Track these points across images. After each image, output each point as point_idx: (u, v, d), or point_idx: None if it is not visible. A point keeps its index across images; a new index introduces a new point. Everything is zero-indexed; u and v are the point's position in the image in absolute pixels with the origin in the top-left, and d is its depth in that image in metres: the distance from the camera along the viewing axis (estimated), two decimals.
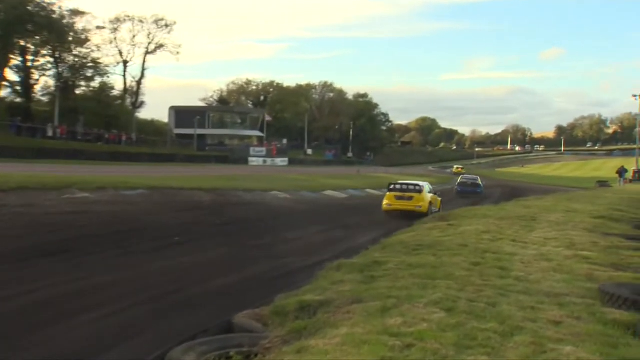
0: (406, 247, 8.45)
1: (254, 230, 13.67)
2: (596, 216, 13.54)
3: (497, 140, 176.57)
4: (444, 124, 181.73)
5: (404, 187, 19.30)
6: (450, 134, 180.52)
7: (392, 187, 19.51)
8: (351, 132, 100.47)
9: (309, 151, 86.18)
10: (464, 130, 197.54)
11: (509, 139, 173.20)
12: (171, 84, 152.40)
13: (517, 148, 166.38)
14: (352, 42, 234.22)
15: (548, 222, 12.45)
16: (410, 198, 18.73)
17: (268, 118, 78.06)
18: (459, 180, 34.08)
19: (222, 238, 12.27)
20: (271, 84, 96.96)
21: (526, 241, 9.29)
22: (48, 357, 5.15)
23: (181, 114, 70.34)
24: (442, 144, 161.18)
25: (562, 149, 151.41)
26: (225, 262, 9.84)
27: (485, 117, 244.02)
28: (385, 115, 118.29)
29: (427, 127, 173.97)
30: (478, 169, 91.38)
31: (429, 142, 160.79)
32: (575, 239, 9.41)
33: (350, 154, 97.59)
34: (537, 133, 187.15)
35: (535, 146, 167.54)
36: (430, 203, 18.96)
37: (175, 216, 15.03)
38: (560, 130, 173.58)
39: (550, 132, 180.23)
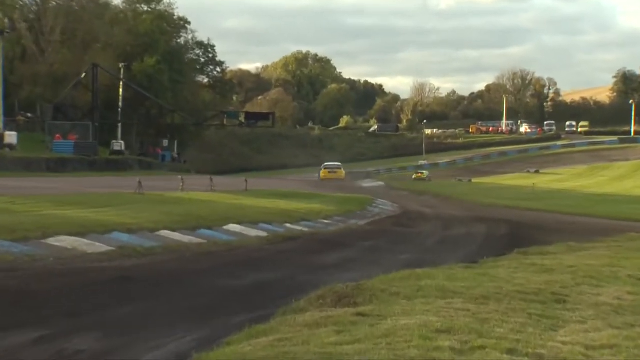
0: None
1: None
2: None
3: (476, 111, 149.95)
4: (353, 69, 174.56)
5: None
6: (369, 94, 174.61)
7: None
8: (121, 90, 69.49)
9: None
10: (400, 83, 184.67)
11: (504, 107, 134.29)
12: None
13: (524, 128, 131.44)
14: None
15: (593, 306, 8.44)
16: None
17: None
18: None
19: None
20: None
21: (542, 357, 5.71)
22: None
23: None
24: (345, 118, 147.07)
25: (632, 128, 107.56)
26: None
27: (446, 57, 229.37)
28: (208, 47, 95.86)
29: (310, 79, 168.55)
30: (437, 176, 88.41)
31: (315, 115, 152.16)
32: None
33: (118, 144, 66.55)
34: (568, 92, 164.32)
35: (568, 123, 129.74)
36: None
37: None
38: (625, 81, 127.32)
39: (601, 90, 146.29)
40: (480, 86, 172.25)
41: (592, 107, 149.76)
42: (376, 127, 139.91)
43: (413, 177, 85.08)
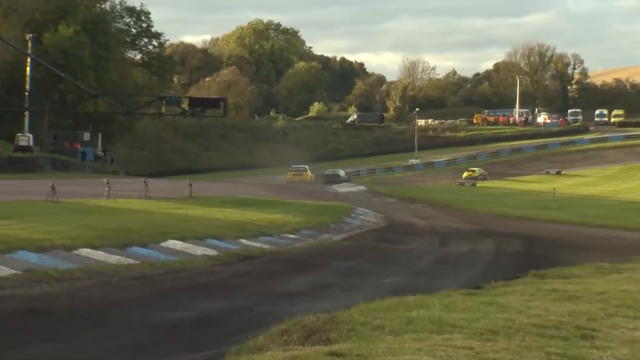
0: None
1: None
2: None
3: (482, 96, 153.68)
4: (327, 44, 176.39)
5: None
6: (347, 75, 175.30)
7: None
8: (28, 69, 70.40)
9: None
10: (387, 61, 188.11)
11: (518, 92, 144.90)
12: None
13: (543, 118, 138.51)
14: None
15: (629, 343, 8.38)
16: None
17: None
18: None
19: None
20: None
21: None
22: None
23: None
24: (316, 106, 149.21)
25: None
26: None
27: (445, 27, 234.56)
28: (141, 15, 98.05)
29: (272, 56, 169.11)
30: (433, 178, 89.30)
31: (278, 102, 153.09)
32: None
33: (24, 138, 67.93)
34: (598, 72, 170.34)
35: (598, 112, 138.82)
36: None
37: None
38: None
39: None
40: (488, 65, 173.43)
41: (628, 92, 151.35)
42: (356, 116, 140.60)
43: (464, 176, 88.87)
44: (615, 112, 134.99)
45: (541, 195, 65.40)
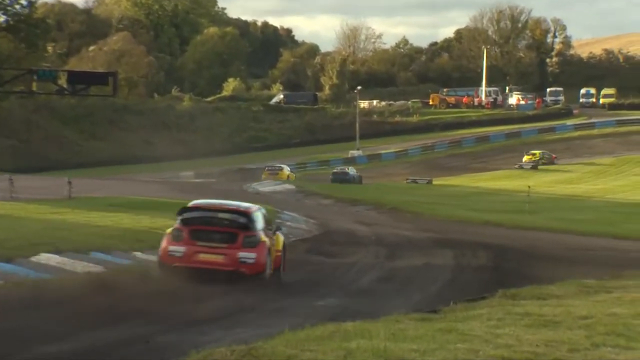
0: None
1: None
2: None
3: (441, 71, 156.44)
4: (245, 4, 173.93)
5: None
6: (271, 44, 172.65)
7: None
8: None
9: None
10: (322, 26, 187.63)
11: (484, 66, 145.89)
12: None
13: (516, 98, 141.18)
14: None
15: None
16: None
17: None
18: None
19: None
20: None
21: None
22: None
23: None
24: (232, 82, 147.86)
25: None
26: None
27: None
28: None
29: (174, 19, 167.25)
30: (379, 174, 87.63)
31: (184, 77, 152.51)
32: None
33: None
34: (584, 41, 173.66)
35: (584, 91, 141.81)
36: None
37: None
38: None
39: (636, 38, 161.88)
40: (448, 32, 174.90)
41: (621, 66, 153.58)
42: (282, 96, 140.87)
43: (524, 160, 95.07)
44: (604, 91, 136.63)
45: (513, 196, 66.61)
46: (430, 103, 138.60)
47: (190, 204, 22.95)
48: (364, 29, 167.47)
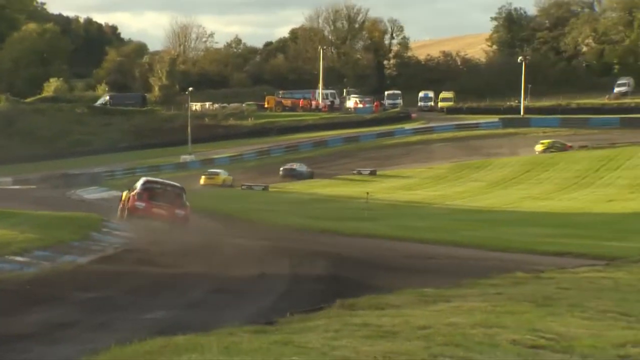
0: None
1: None
2: None
3: (276, 73, 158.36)
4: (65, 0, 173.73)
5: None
6: (95, 42, 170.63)
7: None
8: None
9: None
10: (150, 24, 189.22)
11: (321, 68, 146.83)
12: None
13: (353, 102, 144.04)
14: None
15: None
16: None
17: None
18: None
19: None
20: None
21: None
22: None
23: None
24: (53, 82, 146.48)
25: (522, 102, 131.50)
26: None
27: None
28: None
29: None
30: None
31: None
32: None
33: None
34: (421, 43, 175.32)
35: (422, 94, 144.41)
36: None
37: None
38: (510, 26, 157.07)
39: (474, 39, 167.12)
40: (283, 31, 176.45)
41: (459, 68, 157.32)
42: (108, 97, 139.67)
43: (537, 149, 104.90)
44: (443, 94, 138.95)
45: (351, 202, 67.71)
46: (266, 106, 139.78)
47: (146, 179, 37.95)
48: (194, 28, 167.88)
